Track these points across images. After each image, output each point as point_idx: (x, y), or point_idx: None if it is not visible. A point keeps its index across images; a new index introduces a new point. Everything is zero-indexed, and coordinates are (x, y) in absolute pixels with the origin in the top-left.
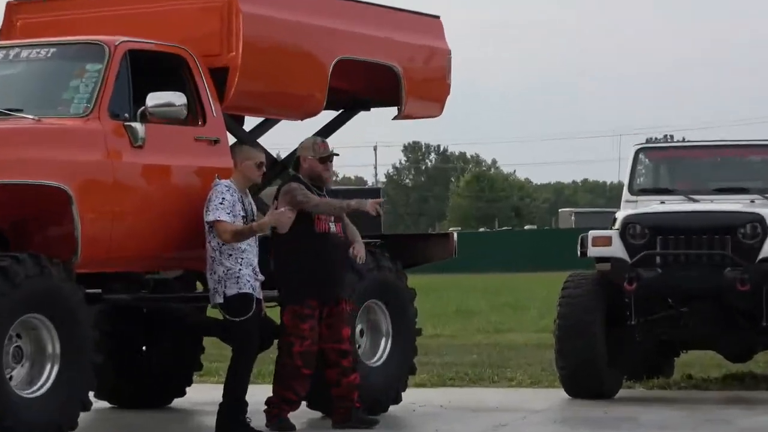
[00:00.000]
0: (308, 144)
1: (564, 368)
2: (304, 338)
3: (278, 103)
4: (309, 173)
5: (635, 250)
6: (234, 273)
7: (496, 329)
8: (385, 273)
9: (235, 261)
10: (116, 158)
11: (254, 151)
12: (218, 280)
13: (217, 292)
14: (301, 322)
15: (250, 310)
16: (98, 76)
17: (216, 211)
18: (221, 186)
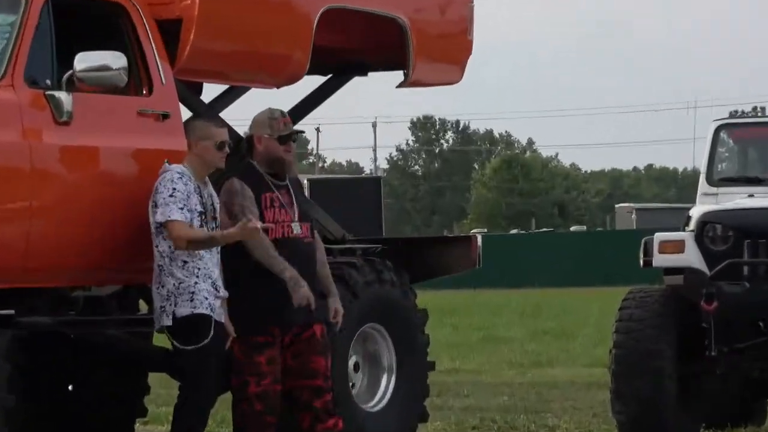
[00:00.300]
0: (262, 119)
1: (622, 413)
2: (261, 375)
3: (247, 65)
4: (266, 158)
5: (716, 259)
6: (187, 287)
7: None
8: (387, 289)
9: (189, 272)
10: (34, 138)
11: (213, 128)
12: (167, 295)
13: (165, 311)
14: (256, 354)
15: (207, 336)
16: (11, 32)
17: (166, 208)
18: (171, 173)
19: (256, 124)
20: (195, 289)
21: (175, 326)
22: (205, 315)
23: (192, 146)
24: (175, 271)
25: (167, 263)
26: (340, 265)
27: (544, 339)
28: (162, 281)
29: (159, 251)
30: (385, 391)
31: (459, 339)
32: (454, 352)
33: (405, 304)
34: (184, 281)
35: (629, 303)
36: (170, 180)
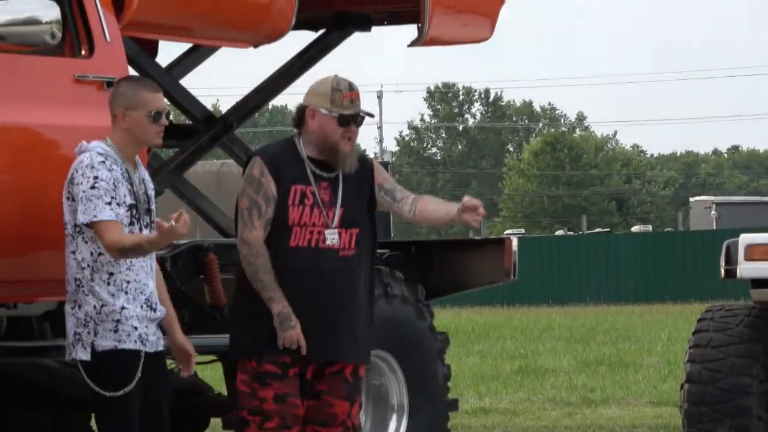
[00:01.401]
0: (324, 89)
1: None
2: (265, 415)
3: (214, 18)
4: (318, 139)
5: None
6: (111, 311)
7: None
8: (397, 306)
9: (116, 288)
10: None
11: (145, 92)
12: (84, 320)
13: (81, 340)
14: (260, 388)
15: (132, 380)
16: None
17: (89, 204)
18: (90, 156)
19: (314, 93)
20: (121, 316)
21: (93, 362)
22: (132, 351)
23: (118, 118)
24: (96, 288)
25: (87, 276)
26: None
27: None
28: (78, 300)
29: (77, 259)
30: None
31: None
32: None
33: (419, 326)
34: (107, 303)
35: (707, 324)
36: (89, 166)
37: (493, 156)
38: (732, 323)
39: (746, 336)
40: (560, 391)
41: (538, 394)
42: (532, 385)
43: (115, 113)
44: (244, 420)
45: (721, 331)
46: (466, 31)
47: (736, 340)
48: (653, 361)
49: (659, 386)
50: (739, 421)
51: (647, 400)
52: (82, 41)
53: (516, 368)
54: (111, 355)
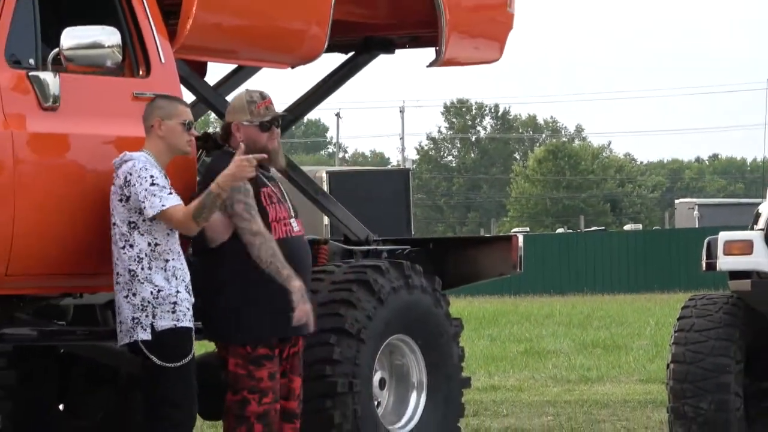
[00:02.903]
0: (240, 103)
1: None
2: (262, 392)
3: (257, 42)
4: (248, 147)
5: None
6: (168, 295)
7: (582, 378)
8: (417, 295)
9: (171, 276)
10: (17, 126)
11: (179, 105)
12: (142, 305)
13: (140, 323)
14: (256, 369)
15: (190, 352)
16: None
17: (154, 198)
18: (139, 161)
19: (233, 110)
20: (177, 299)
21: (154, 340)
22: (188, 328)
23: (155, 127)
24: (153, 276)
25: (144, 267)
26: (364, 269)
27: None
28: (134, 289)
29: (130, 254)
30: (414, 411)
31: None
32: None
33: (437, 313)
34: (164, 289)
35: (690, 311)
36: (143, 168)
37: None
38: (712, 310)
39: (725, 321)
40: (560, 370)
41: (541, 372)
42: (535, 365)
43: (151, 124)
44: (245, 399)
45: (702, 317)
46: (478, 54)
47: (716, 325)
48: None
49: (648, 366)
50: (719, 397)
51: (637, 378)
52: (139, 63)
53: (521, 350)
54: (171, 332)
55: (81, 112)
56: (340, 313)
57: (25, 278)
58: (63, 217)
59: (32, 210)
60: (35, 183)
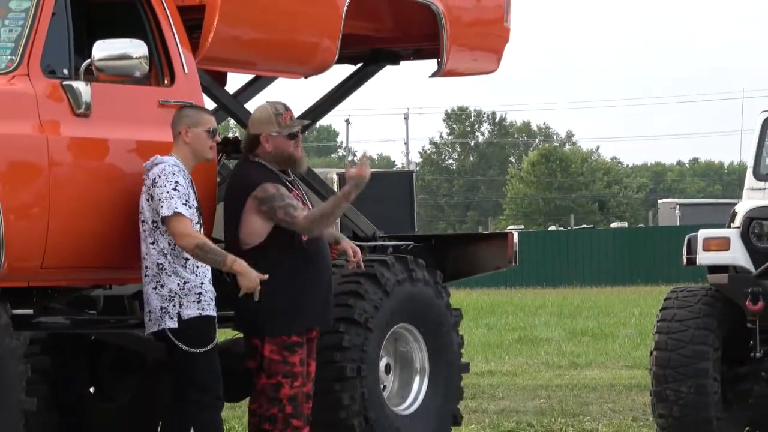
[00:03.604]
0: (266, 115)
1: (664, 417)
2: (294, 377)
3: (273, 54)
4: (277, 157)
5: (762, 256)
6: (194, 287)
7: (572, 364)
8: (420, 288)
9: (192, 271)
10: (52, 131)
11: (205, 114)
12: (170, 295)
13: (168, 313)
14: (290, 355)
15: (215, 338)
16: (26, 18)
17: (171, 201)
18: (168, 165)
19: (259, 123)
20: (202, 290)
21: (181, 328)
22: (213, 317)
23: (182, 134)
24: (179, 270)
25: (168, 261)
26: (371, 263)
27: (582, 340)
28: (162, 280)
29: (157, 248)
30: (417, 394)
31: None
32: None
33: (438, 304)
34: (189, 281)
35: (671, 303)
36: (171, 173)
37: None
38: (692, 302)
39: (703, 312)
40: (552, 356)
41: (534, 358)
42: (529, 352)
43: (179, 131)
44: (279, 383)
45: (683, 308)
46: (476, 65)
47: (696, 315)
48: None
49: (632, 353)
50: (698, 381)
51: (623, 364)
52: (165, 73)
53: (516, 338)
54: (196, 320)
55: (111, 118)
56: (349, 303)
57: (59, 271)
58: (94, 215)
59: (65, 208)
60: (68, 184)
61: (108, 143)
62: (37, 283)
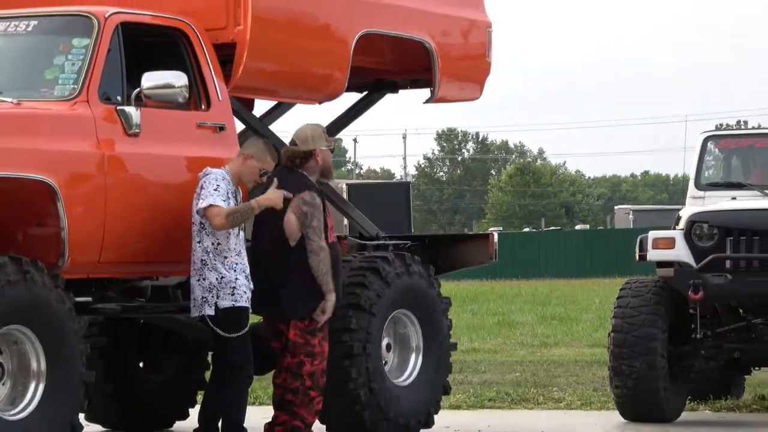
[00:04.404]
0: (318, 133)
1: (619, 388)
2: (314, 356)
3: (293, 83)
4: (322, 168)
5: (702, 254)
6: (229, 282)
7: (543, 343)
8: (415, 279)
9: (230, 267)
10: (108, 148)
11: (269, 156)
12: (209, 288)
13: (207, 302)
14: (311, 338)
15: (246, 326)
16: (86, 53)
17: (209, 197)
18: (215, 174)
19: (313, 139)
20: (236, 284)
21: (217, 316)
22: (245, 308)
23: (243, 157)
24: (218, 266)
25: (210, 258)
26: (374, 259)
27: (551, 323)
28: (204, 275)
29: (202, 246)
30: (413, 368)
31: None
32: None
33: (431, 293)
34: (226, 276)
35: (626, 292)
36: (215, 179)
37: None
38: (643, 292)
39: (653, 300)
40: (526, 337)
41: (511, 339)
42: (507, 333)
43: (244, 153)
44: (301, 361)
45: (636, 297)
46: (463, 93)
47: (646, 303)
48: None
49: (593, 334)
50: (649, 358)
51: (585, 343)
52: (202, 99)
53: (496, 322)
54: (230, 310)
55: (157, 137)
56: (356, 292)
57: (114, 265)
58: (142, 218)
59: (119, 212)
60: (121, 192)
61: (154, 159)
62: (95, 275)
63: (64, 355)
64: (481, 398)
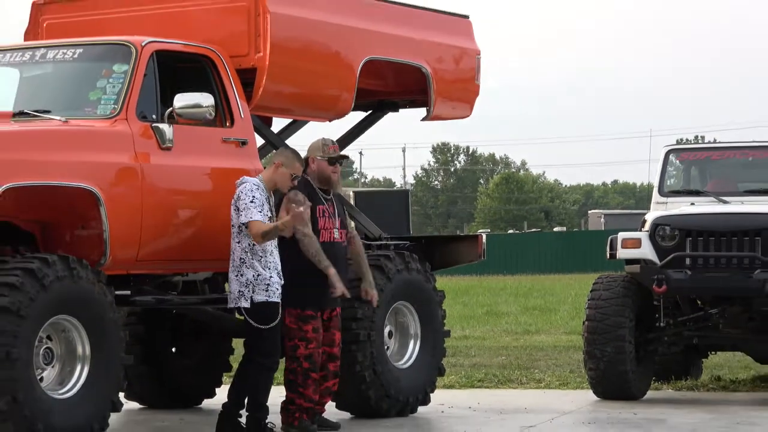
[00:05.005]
0: (318, 144)
1: (592, 370)
2: (308, 341)
3: (306, 103)
4: (318, 175)
5: (665, 252)
6: (264, 279)
7: (525, 331)
8: (414, 275)
9: (264, 266)
10: (144, 160)
11: (297, 162)
12: (246, 283)
13: (243, 296)
14: (303, 324)
15: (277, 319)
16: (125, 77)
17: (248, 211)
18: (250, 184)
19: (311, 149)
20: (270, 281)
21: (252, 309)
22: (277, 303)
23: (275, 166)
24: (255, 264)
25: (248, 257)
26: (378, 257)
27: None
28: (242, 272)
29: (240, 247)
30: (412, 353)
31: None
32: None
33: (427, 287)
34: (261, 274)
35: (598, 286)
36: (250, 190)
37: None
38: (613, 285)
39: (621, 293)
40: (511, 325)
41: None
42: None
43: (275, 162)
44: (295, 345)
45: (607, 290)
46: (455, 112)
47: (616, 295)
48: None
49: (570, 323)
50: (618, 344)
51: (563, 330)
52: (226, 117)
53: (484, 312)
54: (264, 304)
55: (187, 151)
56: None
57: (149, 262)
58: (175, 222)
59: (154, 216)
60: (155, 198)
61: (185, 169)
62: (132, 271)
63: (105, 342)
64: (471, 379)
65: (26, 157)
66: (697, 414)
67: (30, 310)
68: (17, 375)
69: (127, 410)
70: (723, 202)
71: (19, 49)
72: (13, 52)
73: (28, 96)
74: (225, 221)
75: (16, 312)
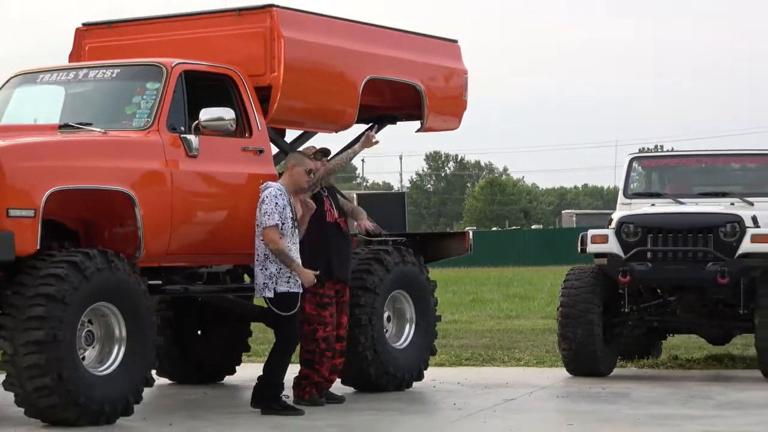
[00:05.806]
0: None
1: (565, 350)
2: (326, 324)
3: (315, 117)
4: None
5: (629, 247)
6: (286, 272)
7: (507, 316)
8: (409, 267)
9: None
10: (174, 166)
11: (306, 159)
12: (270, 276)
13: (267, 287)
14: (322, 310)
15: (296, 307)
16: (157, 94)
17: (271, 216)
18: (273, 189)
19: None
20: (291, 274)
21: (275, 298)
22: (296, 293)
23: (290, 169)
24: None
25: (271, 253)
26: (378, 251)
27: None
28: (266, 266)
29: (264, 244)
30: (408, 335)
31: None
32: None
33: (421, 277)
34: (283, 267)
35: (571, 276)
36: (274, 195)
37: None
38: (584, 276)
39: (591, 283)
40: (494, 311)
41: (482, 312)
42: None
43: (288, 166)
44: (315, 329)
45: (578, 280)
46: (445, 125)
47: (586, 285)
48: (543, 295)
49: (546, 309)
50: (587, 327)
51: (539, 315)
52: (245, 129)
53: (471, 299)
54: (286, 294)
55: (211, 158)
56: (364, 277)
57: (178, 256)
58: (201, 220)
59: (182, 215)
60: (184, 200)
61: (209, 175)
62: (163, 263)
63: (139, 325)
64: (459, 358)
65: (70, 164)
66: (657, 389)
67: (73, 298)
68: (62, 355)
69: (159, 385)
70: (680, 203)
71: (64, 69)
72: (59, 72)
73: (72, 110)
74: (244, 220)
75: (62, 299)
